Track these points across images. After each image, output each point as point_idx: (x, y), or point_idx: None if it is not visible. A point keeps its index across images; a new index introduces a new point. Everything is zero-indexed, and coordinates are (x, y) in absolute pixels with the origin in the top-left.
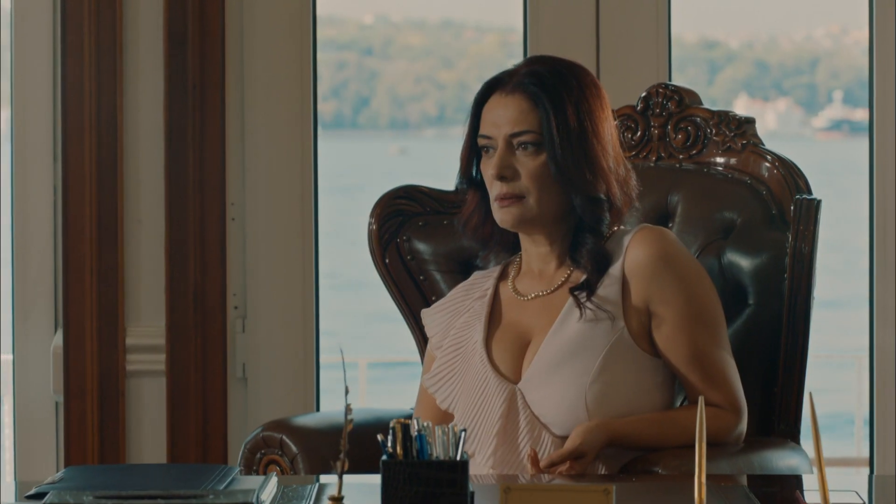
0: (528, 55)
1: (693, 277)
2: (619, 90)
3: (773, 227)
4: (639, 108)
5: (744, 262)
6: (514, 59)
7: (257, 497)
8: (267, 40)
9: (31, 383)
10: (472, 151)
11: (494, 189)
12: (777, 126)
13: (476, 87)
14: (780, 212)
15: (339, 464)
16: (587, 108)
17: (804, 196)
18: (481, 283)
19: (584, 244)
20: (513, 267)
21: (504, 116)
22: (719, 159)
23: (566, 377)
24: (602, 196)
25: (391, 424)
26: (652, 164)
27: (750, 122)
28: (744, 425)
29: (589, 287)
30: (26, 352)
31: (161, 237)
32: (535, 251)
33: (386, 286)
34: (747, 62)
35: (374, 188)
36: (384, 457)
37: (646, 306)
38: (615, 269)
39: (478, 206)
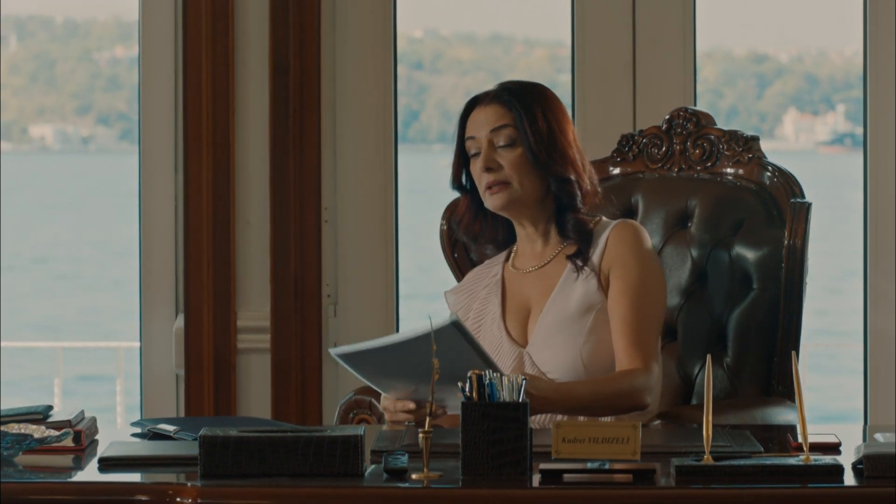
0: (577, 70)
1: (647, 265)
2: (651, 109)
3: (773, 225)
4: (664, 127)
5: (749, 255)
6: (563, 73)
7: (363, 433)
8: (355, 70)
9: (156, 360)
10: (462, 160)
11: (483, 180)
12: (825, 140)
13: None
14: (778, 213)
15: (428, 406)
16: (552, 111)
17: (798, 200)
18: (488, 270)
19: (567, 221)
20: (513, 252)
21: (485, 120)
22: (729, 170)
23: (565, 338)
24: (572, 177)
25: (468, 374)
26: (674, 175)
27: (755, 139)
28: (650, 380)
29: (581, 253)
30: (152, 333)
31: (266, 236)
32: (524, 233)
33: (455, 276)
34: (797, 76)
35: (425, 200)
36: (463, 399)
37: (608, 272)
38: (601, 243)
39: (468, 206)
